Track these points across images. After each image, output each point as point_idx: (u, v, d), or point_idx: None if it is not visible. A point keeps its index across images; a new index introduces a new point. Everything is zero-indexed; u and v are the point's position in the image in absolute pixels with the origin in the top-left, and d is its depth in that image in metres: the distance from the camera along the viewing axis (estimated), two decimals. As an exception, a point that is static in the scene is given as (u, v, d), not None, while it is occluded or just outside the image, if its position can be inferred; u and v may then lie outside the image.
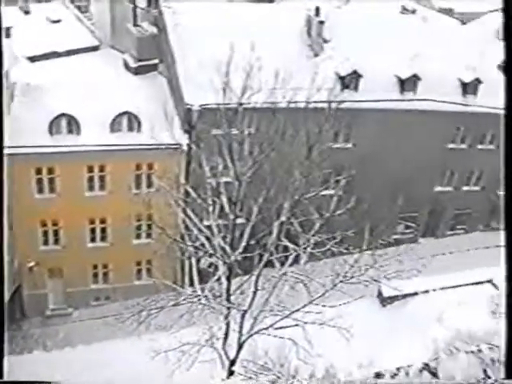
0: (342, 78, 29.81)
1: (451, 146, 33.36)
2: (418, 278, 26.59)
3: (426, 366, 26.70)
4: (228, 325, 22.13)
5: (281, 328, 21.96)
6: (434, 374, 26.58)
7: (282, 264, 22.36)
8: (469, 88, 32.62)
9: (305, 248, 22.26)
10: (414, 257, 26.15)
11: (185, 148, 27.85)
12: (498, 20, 46.90)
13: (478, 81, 32.64)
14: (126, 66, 31.40)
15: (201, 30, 29.17)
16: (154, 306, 21.65)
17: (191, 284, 23.40)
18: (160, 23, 30.95)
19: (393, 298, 29.92)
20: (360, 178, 27.39)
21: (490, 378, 23.92)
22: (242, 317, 22.00)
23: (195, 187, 23.45)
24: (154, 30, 31.29)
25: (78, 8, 37.50)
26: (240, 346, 22.54)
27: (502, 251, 34.15)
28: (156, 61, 31.34)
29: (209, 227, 22.39)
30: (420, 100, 31.06)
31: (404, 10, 41.97)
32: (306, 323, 21.66)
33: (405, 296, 29.81)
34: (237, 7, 35.03)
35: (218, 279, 22.20)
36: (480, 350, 26.45)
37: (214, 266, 23.79)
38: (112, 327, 24.48)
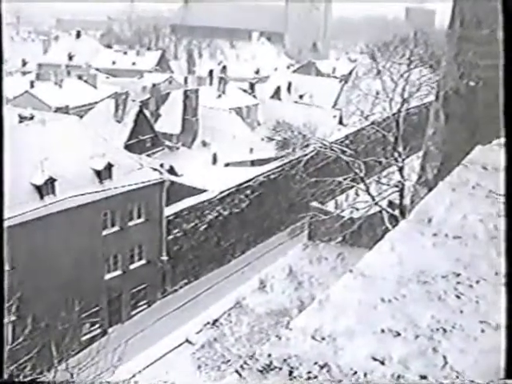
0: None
1: (105, 232, 34.17)
2: (121, 367, 26.76)
3: None
4: None
5: None
6: None
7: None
8: (103, 174, 33.84)
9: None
10: (108, 350, 26.12)
11: None
12: (111, 106, 50.33)
13: (109, 165, 34.08)
14: None
15: None
16: None
17: None
18: None
19: (103, 398, 29.35)
20: (29, 297, 26.57)
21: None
22: None
23: None
24: None
25: None
26: None
27: (188, 308, 36.19)
28: None
29: None
30: (60, 200, 31.29)
31: (21, 118, 42.09)
32: None
33: (114, 390, 29.47)
34: None
35: None
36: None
37: None
38: None
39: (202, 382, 30.38)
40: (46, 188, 31.33)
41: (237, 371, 2.48)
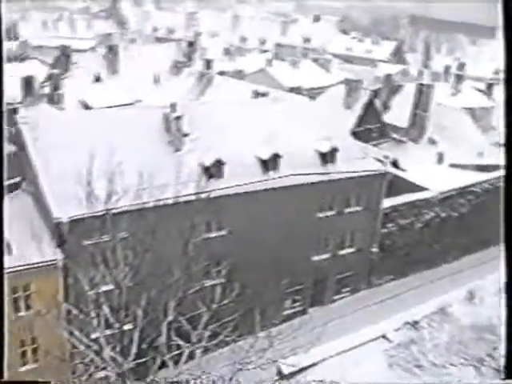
0: (206, 169, 30.30)
1: (320, 215, 34.23)
2: (314, 348, 26.99)
3: None
4: None
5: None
6: None
7: (177, 363, 21.97)
8: (327, 157, 34.10)
9: (198, 343, 22.09)
10: (307, 329, 26.49)
11: (60, 264, 27.07)
12: (342, 91, 50.52)
13: (334, 149, 34.24)
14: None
15: (60, 141, 28.78)
16: None
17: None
18: (18, 140, 30.33)
19: (293, 374, 29.89)
20: (240, 263, 27.63)
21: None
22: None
23: (76, 302, 22.88)
24: (12, 147, 30.66)
25: None
26: None
27: (391, 304, 35.51)
28: (18, 179, 30.61)
29: (96, 340, 21.73)
30: (283, 177, 31.99)
31: (256, 94, 43.96)
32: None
33: (304, 369, 29.85)
34: (93, 113, 35.26)
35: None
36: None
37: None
38: None
39: (390, 382, 29.70)
40: (270, 163, 32.25)
41: (472, 364, 2.13)
